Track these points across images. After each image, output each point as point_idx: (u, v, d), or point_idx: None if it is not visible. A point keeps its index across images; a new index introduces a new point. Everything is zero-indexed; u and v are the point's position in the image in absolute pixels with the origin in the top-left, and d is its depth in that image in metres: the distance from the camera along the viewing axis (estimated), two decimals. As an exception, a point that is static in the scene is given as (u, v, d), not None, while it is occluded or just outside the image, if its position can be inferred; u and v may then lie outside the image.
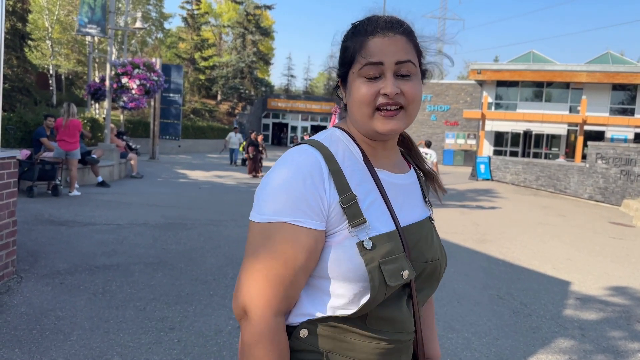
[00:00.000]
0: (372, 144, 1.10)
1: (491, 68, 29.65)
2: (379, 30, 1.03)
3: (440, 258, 1.13)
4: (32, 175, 8.80)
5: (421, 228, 1.11)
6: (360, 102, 1.03)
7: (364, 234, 0.99)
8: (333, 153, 1.04)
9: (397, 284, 0.98)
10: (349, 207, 0.99)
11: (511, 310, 4.60)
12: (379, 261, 0.97)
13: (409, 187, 1.15)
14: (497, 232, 8.73)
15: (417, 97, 1.05)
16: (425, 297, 1.12)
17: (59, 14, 30.56)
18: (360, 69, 1.03)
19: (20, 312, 3.67)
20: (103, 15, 13.30)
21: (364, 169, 1.07)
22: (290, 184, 0.98)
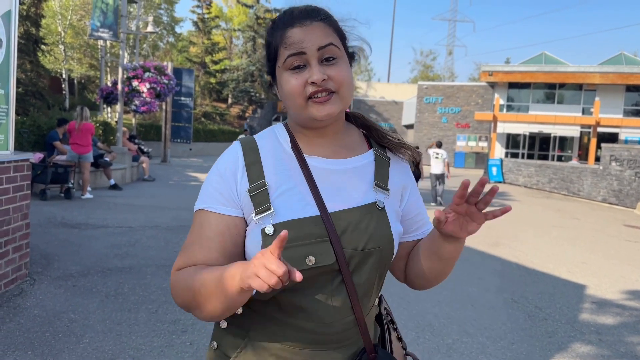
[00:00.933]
0: (308, 134, 1.12)
1: (503, 70, 29.47)
2: (295, 21, 1.04)
3: (380, 246, 1.07)
4: (45, 179, 8.86)
5: (356, 214, 1.07)
6: (290, 94, 1.04)
7: (268, 220, 1.02)
8: (259, 146, 1.11)
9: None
10: (256, 195, 1.04)
11: (526, 314, 4.53)
12: None
13: (352, 172, 1.12)
14: (510, 235, 8.64)
15: (346, 79, 1.05)
16: (368, 284, 1.08)
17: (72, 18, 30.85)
18: (284, 62, 1.04)
19: (34, 314, 3.67)
20: (115, 20, 13.39)
21: (290, 157, 1.10)
22: (210, 179, 1.10)
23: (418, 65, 64.42)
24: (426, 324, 4.10)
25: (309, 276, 1.00)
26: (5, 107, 4.01)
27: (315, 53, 1.02)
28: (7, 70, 4.00)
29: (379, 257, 1.07)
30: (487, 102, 32.43)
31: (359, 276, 1.05)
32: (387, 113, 41.35)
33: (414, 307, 4.51)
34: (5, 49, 3.97)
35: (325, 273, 1.03)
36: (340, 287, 1.04)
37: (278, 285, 0.81)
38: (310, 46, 1.02)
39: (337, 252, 1.02)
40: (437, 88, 34.21)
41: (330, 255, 1.01)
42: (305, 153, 1.11)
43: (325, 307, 1.03)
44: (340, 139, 1.15)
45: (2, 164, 3.88)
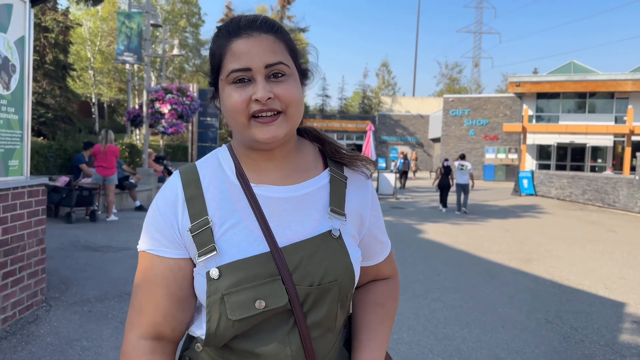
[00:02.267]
0: (253, 157, 1.01)
1: (530, 80, 28.93)
2: (242, 31, 0.94)
3: (337, 279, 0.96)
4: (70, 202, 8.95)
5: (310, 246, 0.96)
6: (232, 110, 0.93)
7: (213, 262, 0.93)
8: (201, 175, 1.01)
9: (244, 316, 0.90)
10: (198, 234, 0.94)
11: (561, 336, 4.26)
12: (222, 292, 0.90)
13: (304, 199, 1.01)
14: (543, 250, 8.30)
15: (295, 98, 0.94)
16: (327, 320, 0.98)
17: (101, 44, 31.73)
18: (227, 76, 0.94)
19: (46, 342, 3.60)
20: (139, 43, 13.62)
21: (234, 188, 0.99)
22: (150, 215, 1.00)
23: (444, 79, 63.98)
24: (454, 349, 3.87)
25: (261, 320, 0.93)
26: (19, 132, 4.00)
27: (262, 70, 0.92)
28: (21, 95, 4.00)
29: (338, 291, 0.97)
30: (515, 114, 31.86)
31: (316, 313, 0.96)
32: (413, 127, 41.08)
33: (441, 330, 4.29)
34: (19, 74, 3.97)
35: (279, 314, 0.94)
36: (293, 329, 0.95)
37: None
38: (257, 62, 0.92)
39: (289, 291, 0.93)
40: (463, 100, 33.81)
41: (282, 295, 0.92)
42: (252, 181, 1.00)
43: (281, 351, 0.94)
44: (291, 162, 1.04)
45: (15, 190, 3.85)
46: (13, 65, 3.91)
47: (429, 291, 5.48)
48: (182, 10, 38.33)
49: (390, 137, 41.04)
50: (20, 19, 3.97)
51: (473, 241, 8.90)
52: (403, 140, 41.03)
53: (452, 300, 5.17)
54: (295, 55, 1.00)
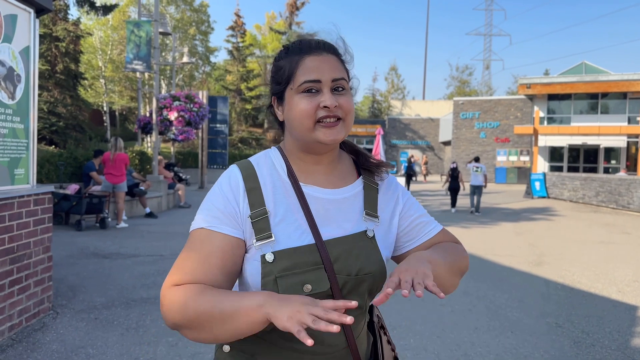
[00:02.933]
0: (305, 160, 1.17)
1: (541, 82, 28.69)
2: (313, 50, 1.12)
3: (372, 272, 1.12)
4: (80, 209, 9.01)
5: (348, 242, 1.11)
6: (301, 115, 1.09)
7: (269, 248, 1.05)
8: (257, 171, 1.14)
9: None
10: (257, 222, 1.07)
11: (572, 340, 4.18)
12: (275, 275, 1.02)
13: (344, 202, 1.16)
14: (555, 253, 8.19)
15: (352, 109, 1.12)
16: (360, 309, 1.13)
17: (112, 53, 32.06)
18: (299, 86, 1.09)
19: (52, 349, 3.60)
20: (148, 52, 13.72)
21: (286, 185, 1.13)
22: (211, 201, 1.11)
23: (454, 81, 63.73)
24: (461, 354, 3.82)
25: None
26: (25, 141, 4.03)
27: (330, 82, 1.09)
28: (26, 105, 4.04)
29: (371, 283, 1.12)
30: (526, 116, 31.62)
31: (349, 298, 1.10)
32: (423, 130, 40.93)
33: (448, 335, 4.23)
34: (24, 83, 4.00)
35: (320, 299, 1.01)
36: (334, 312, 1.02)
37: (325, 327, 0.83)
38: (326, 76, 1.09)
39: (331, 278, 1.06)
40: (473, 103, 33.62)
41: (325, 282, 1.05)
42: (301, 181, 1.15)
43: (321, 332, 1.06)
44: (334, 168, 1.20)
45: (21, 198, 3.87)
46: (18, 75, 3.95)
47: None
48: (191, 18, 38.65)
49: (401, 140, 40.93)
50: (25, 29, 4.01)
51: (484, 245, 8.81)
52: (413, 144, 40.88)
53: (460, 305, 5.11)
54: (348, 74, 1.17)
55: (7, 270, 3.74)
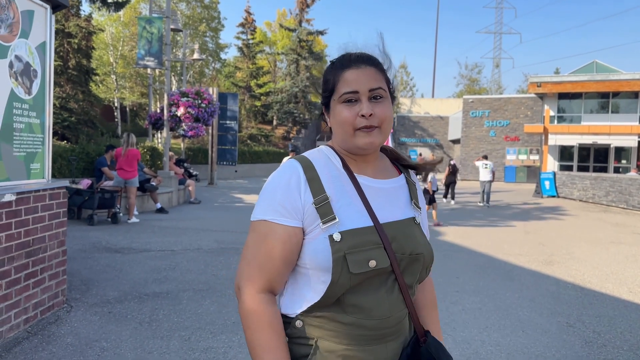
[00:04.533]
0: (353, 157, 1.30)
1: (552, 80, 28.51)
2: (352, 64, 1.25)
3: (422, 252, 1.26)
4: (92, 204, 9.08)
5: (401, 226, 1.26)
6: (343, 123, 1.23)
7: (334, 228, 1.17)
8: (314, 164, 1.25)
9: (361, 271, 1.15)
10: (321, 207, 1.19)
11: (583, 340, 4.18)
12: (344, 251, 1.14)
13: (392, 191, 1.31)
14: (565, 252, 8.16)
15: (389, 116, 1.25)
16: (412, 283, 1.27)
17: (123, 49, 32.21)
18: (340, 97, 1.24)
19: (67, 342, 3.65)
20: (160, 48, 13.78)
21: (343, 175, 1.26)
22: (272, 192, 1.22)
23: (463, 80, 63.42)
24: (472, 352, 3.83)
25: (368, 277, 1.17)
26: (41, 136, 4.07)
27: (367, 92, 1.22)
28: (42, 100, 4.08)
29: (422, 262, 1.27)
30: (536, 114, 31.42)
31: (407, 277, 1.24)
32: (432, 128, 40.80)
33: (459, 333, 4.24)
34: (40, 79, 4.05)
35: (380, 275, 1.19)
36: (393, 286, 1.22)
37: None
38: (363, 87, 1.22)
39: (390, 256, 1.19)
40: (483, 101, 33.45)
41: (386, 259, 1.18)
42: (355, 172, 1.28)
43: (382, 304, 1.20)
44: (377, 163, 1.35)
45: (37, 192, 3.92)
46: (34, 70, 3.99)
47: (447, 294, 5.42)
48: (202, 15, 38.71)
49: (410, 138, 40.81)
50: (41, 24, 4.05)
51: (493, 243, 8.79)
52: (422, 142, 40.75)
53: (471, 304, 5.11)
54: (388, 82, 1.29)
55: (22, 263, 3.79)
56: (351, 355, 1.20)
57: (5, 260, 3.58)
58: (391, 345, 1.24)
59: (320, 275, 1.18)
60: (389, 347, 1.23)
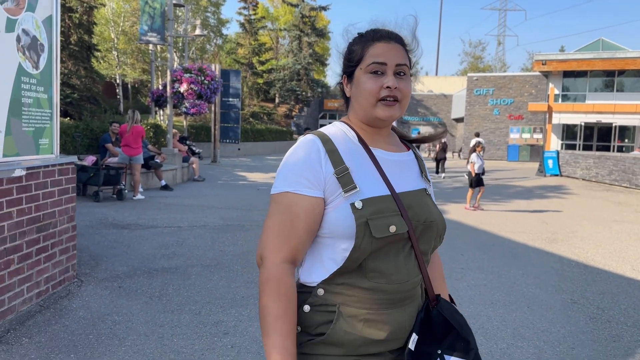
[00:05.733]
0: (368, 130, 1.36)
1: (557, 58, 28.24)
2: (383, 38, 1.32)
3: (436, 220, 1.34)
4: (98, 181, 9.11)
5: (415, 195, 1.33)
6: (368, 92, 1.29)
7: (356, 197, 1.23)
8: (331, 138, 1.31)
9: (383, 235, 1.21)
10: (342, 177, 1.24)
11: (587, 316, 4.23)
12: (367, 218, 1.20)
13: (404, 163, 1.39)
14: (568, 230, 8.20)
15: (409, 92, 1.32)
16: (429, 251, 1.35)
17: (124, 25, 31.89)
18: (367, 66, 1.29)
19: (79, 316, 3.71)
20: (162, 24, 13.65)
21: (359, 148, 1.32)
22: (293, 165, 1.27)
23: (467, 57, 62.83)
24: (478, 327, 3.88)
25: (389, 242, 1.23)
26: (49, 111, 4.07)
27: (394, 66, 1.29)
28: (49, 74, 4.07)
29: (436, 229, 1.34)
30: (541, 93, 31.20)
31: (423, 243, 1.31)
32: (436, 107, 40.58)
33: (465, 309, 4.29)
34: (47, 53, 4.03)
35: (397, 241, 1.25)
36: (410, 252, 1.28)
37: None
38: (391, 60, 1.28)
39: (407, 223, 1.25)
40: (487, 79, 33.19)
41: (404, 225, 1.24)
42: (370, 145, 1.34)
43: (401, 269, 1.26)
44: (391, 138, 1.42)
45: (47, 168, 3.94)
46: (41, 45, 3.97)
47: (452, 271, 5.47)
48: (203, -11, 38.22)
49: (412, 117, 40.63)
50: (48, -2, 4.01)
51: (497, 222, 8.83)
52: (425, 120, 40.59)
53: (476, 280, 5.16)
54: (410, 62, 1.36)
55: (34, 238, 3.82)
56: (372, 319, 1.25)
57: (17, 235, 3.61)
58: (408, 309, 1.30)
59: (342, 243, 1.23)
60: (407, 311, 1.30)
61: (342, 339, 1.25)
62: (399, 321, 1.28)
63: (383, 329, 1.26)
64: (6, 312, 3.50)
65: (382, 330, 1.26)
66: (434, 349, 1.31)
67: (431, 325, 1.33)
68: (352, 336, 1.25)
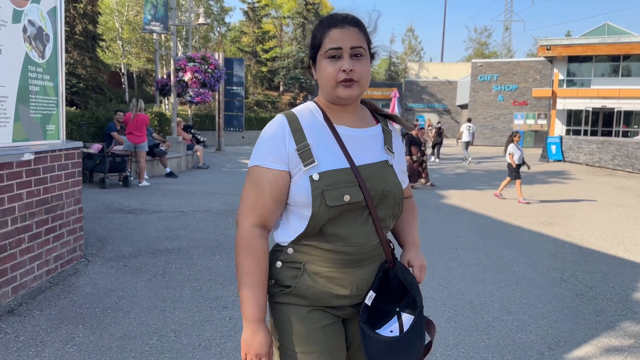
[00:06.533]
0: (334, 109, 1.50)
1: (562, 43, 28.09)
2: (338, 23, 1.42)
3: (393, 190, 1.48)
4: (104, 168, 9.32)
5: (374, 167, 1.47)
6: (328, 76, 1.41)
7: (314, 170, 1.39)
8: (298, 117, 1.46)
9: (337, 204, 1.36)
10: (303, 152, 1.40)
11: (574, 293, 4.39)
12: (322, 189, 1.36)
13: (369, 138, 1.52)
14: (566, 214, 8.33)
15: (366, 72, 1.44)
16: (386, 216, 1.48)
17: (128, 14, 32.00)
18: (325, 52, 1.41)
19: (86, 292, 3.92)
20: (166, 13, 13.77)
21: (324, 126, 1.47)
22: (262, 141, 1.44)
23: (473, 43, 62.45)
24: (466, 302, 4.05)
25: (345, 210, 1.38)
26: (55, 98, 4.24)
27: (349, 50, 1.40)
28: (55, 63, 4.24)
29: (393, 198, 1.47)
30: (545, 78, 31.08)
31: (380, 211, 1.45)
32: (441, 93, 40.48)
33: (454, 286, 4.46)
34: (52, 43, 4.20)
35: (356, 209, 1.40)
36: (368, 218, 1.43)
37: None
38: (346, 44, 1.39)
39: (364, 192, 1.40)
40: (492, 65, 33.06)
41: (359, 194, 1.39)
42: (335, 123, 1.48)
43: (358, 233, 1.42)
44: (356, 114, 1.54)
45: (53, 152, 4.12)
46: (47, 35, 4.13)
47: (446, 251, 5.64)
48: (206, -23, 38.16)
49: (417, 104, 40.57)
50: (52, -10, 4.17)
51: (496, 206, 8.97)
52: (430, 107, 40.52)
53: (468, 260, 5.32)
54: (369, 43, 1.48)
55: (43, 219, 4.02)
56: (333, 276, 1.43)
57: (27, 216, 3.81)
58: (367, 269, 1.47)
59: (304, 210, 1.39)
60: (365, 270, 1.46)
61: (305, 291, 1.44)
62: (358, 279, 1.45)
63: (343, 285, 1.44)
64: (18, 288, 3.72)
65: (341, 286, 1.44)
66: (393, 307, 1.49)
67: (389, 286, 1.49)
68: (315, 290, 1.43)
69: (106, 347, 3.03)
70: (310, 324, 1.45)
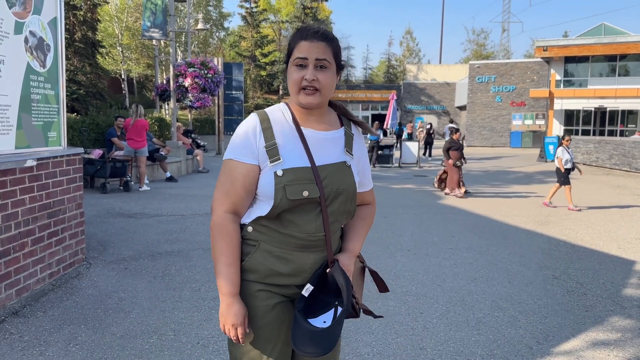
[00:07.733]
0: (302, 111, 1.65)
1: (558, 44, 28.19)
2: (308, 37, 1.58)
3: (347, 189, 1.63)
4: (104, 173, 9.44)
5: (333, 167, 1.62)
6: (292, 82, 1.59)
7: (279, 166, 1.56)
8: (269, 117, 1.63)
9: (296, 198, 1.53)
10: (270, 150, 1.57)
11: (565, 290, 4.49)
12: (284, 184, 1.53)
13: (331, 140, 1.67)
14: (562, 213, 8.43)
15: (329, 83, 1.59)
16: (338, 212, 1.63)
17: (128, 20, 32.17)
18: (293, 60, 1.58)
19: (88, 294, 4.03)
20: (164, 19, 13.91)
21: (291, 127, 1.63)
22: (237, 137, 1.62)
23: (471, 45, 62.59)
24: (458, 299, 4.16)
25: (302, 203, 1.56)
26: (56, 106, 4.36)
27: (314, 61, 1.56)
28: (56, 72, 4.36)
29: (346, 196, 1.64)
30: (543, 79, 31.19)
31: (332, 206, 1.61)
32: (439, 95, 40.60)
33: (448, 284, 4.56)
34: (53, 52, 4.32)
35: (312, 203, 1.57)
36: (319, 213, 1.59)
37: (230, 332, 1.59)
38: (312, 56, 1.55)
39: (320, 190, 1.57)
40: (489, 67, 33.19)
41: (316, 191, 1.56)
42: (302, 125, 1.64)
43: (310, 223, 1.59)
44: (322, 118, 1.69)
45: (55, 159, 4.24)
46: (48, 45, 4.25)
47: (440, 251, 5.74)
48: (205, -17, 38.35)
49: (416, 106, 40.67)
50: (52, 1, 4.29)
51: (492, 206, 9.07)
52: (429, 109, 40.63)
53: (462, 259, 5.43)
54: (337, 56, 1.63)
55: (45, 223, 4.13)
56: (282, 256, 1.61)
57: (30, 220, 3.93)
58: (313, 256, 1.63)
59: (268, 200, 1.56)
60: (311, 257, 1.62)
61: (255, 267, 1.61)
62: (302, 263, 1.62)
63: (288, 265, 1.61)
64: (22, 290, 3.83)
65: (287, 265, 1.61)
66: (332, 300, 1.64)
67: (326, 282, 1.65)
68: (264, 266, 1.61)
69: (108, 346, 3.14)
70: (258, 301, 1.62)
